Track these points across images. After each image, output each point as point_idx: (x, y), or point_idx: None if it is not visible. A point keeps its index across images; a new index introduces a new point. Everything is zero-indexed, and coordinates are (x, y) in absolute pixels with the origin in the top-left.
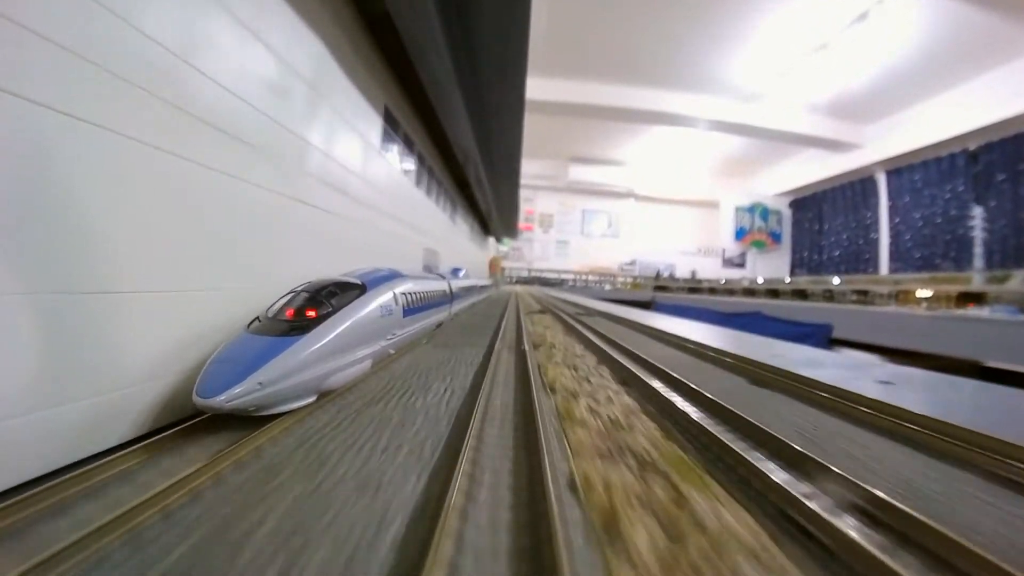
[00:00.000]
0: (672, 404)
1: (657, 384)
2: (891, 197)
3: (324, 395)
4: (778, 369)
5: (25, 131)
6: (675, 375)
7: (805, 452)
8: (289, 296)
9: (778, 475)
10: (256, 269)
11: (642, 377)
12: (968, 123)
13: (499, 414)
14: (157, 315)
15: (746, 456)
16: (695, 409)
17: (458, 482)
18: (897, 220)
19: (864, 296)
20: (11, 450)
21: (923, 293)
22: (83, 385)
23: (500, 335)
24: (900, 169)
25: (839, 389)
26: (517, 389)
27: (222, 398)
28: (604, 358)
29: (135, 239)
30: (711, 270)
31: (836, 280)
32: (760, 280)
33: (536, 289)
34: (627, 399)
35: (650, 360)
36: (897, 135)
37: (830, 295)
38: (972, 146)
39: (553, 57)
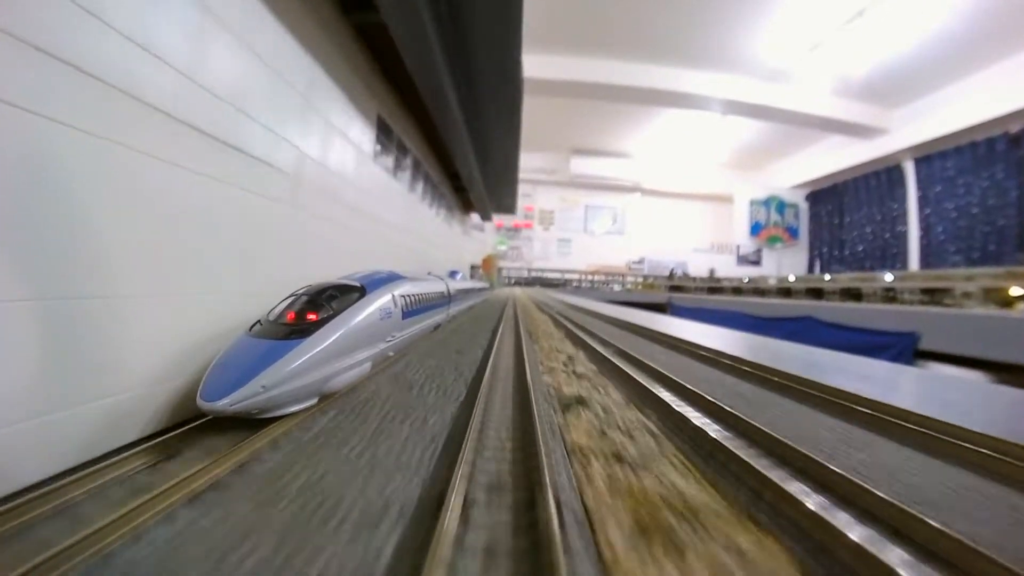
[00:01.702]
0: None
1: None
2: (920, 187)
3: (325, 398)
4: None
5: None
6: None
7: None
8: (290, 299)
9: None
10: None
11: None
12: (1009, 103)
13: None
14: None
15: None
16: None
17: None
18: (928, 211)
19: (931, 296)
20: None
21: (1017, 291)
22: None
23: None
24: (931, 156)
25: None
26: None
27: (225, 401)
28: None
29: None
30: (725, 268)
31: (888, 276)
32: (792, 278)
33: (539, 292)
34: None
35: None
36: (928, 119)
37: (891, 295)
38: (1014, 128)
39: (553, 31)
